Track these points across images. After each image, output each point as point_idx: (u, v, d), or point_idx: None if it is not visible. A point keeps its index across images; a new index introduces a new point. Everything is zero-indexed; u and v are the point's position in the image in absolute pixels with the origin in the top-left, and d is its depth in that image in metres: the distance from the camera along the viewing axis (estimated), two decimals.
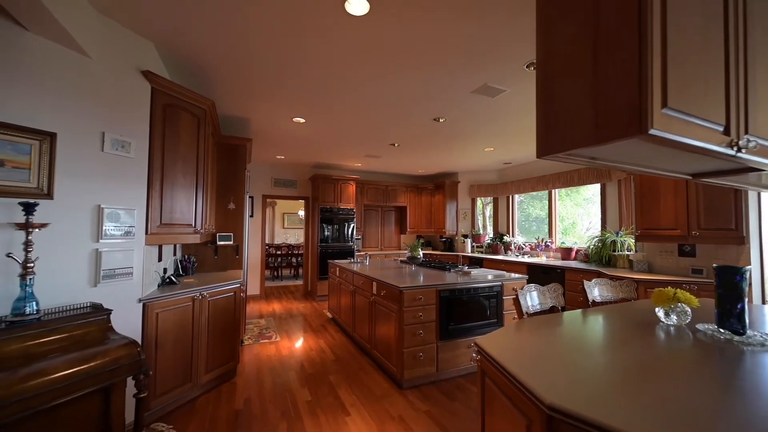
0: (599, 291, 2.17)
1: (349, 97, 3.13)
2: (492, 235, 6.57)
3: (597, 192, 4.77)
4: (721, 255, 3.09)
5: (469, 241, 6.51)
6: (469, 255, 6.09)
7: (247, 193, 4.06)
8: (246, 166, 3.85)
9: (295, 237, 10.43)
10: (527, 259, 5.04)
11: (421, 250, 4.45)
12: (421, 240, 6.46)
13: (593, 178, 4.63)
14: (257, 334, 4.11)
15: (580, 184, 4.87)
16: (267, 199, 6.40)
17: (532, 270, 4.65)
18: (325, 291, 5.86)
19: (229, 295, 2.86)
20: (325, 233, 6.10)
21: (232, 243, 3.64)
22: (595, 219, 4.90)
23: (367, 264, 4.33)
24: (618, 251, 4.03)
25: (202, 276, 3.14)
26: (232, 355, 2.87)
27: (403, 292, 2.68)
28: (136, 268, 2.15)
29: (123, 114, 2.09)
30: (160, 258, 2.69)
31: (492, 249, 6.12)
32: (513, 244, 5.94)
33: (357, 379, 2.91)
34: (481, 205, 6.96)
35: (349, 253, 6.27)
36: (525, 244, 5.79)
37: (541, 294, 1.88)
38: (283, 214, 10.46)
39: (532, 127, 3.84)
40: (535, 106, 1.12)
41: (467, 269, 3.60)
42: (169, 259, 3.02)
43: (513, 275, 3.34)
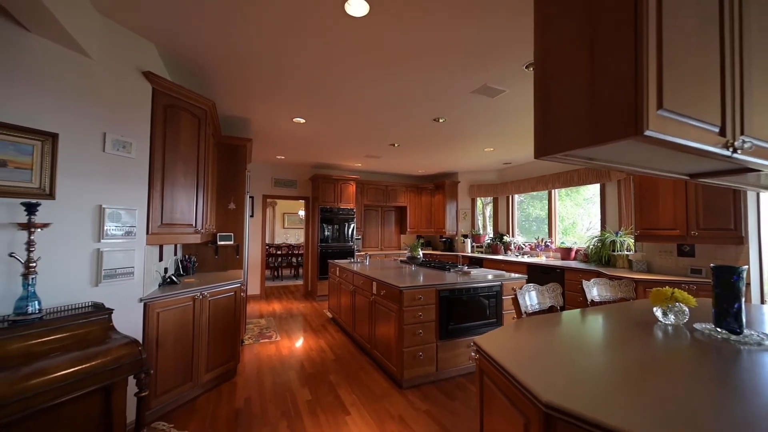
0: (598, 291, 2.18)
1: (349, 97, 3.14)
2: (492, 235, 6.58)
3: (597, 192, 4.78)
4: (720, 255, 3.09)
5: (469, 241, 6.52)
6: (469, 255, 6.09)
7: (248, 193, 4.07)
8: (246, 166, 3.86)
9: (295, 237, 10.44)
10: (527, 259, 5.04)
11: (420, 250, 4.46)
12: (421, 240, 6.47)
13: (593, 178, 4.64)
14: (257, 334, 4.13)
15: (580, 185, 4.87)
16: (267, 199, 6.41)
17: (532, 270, 4.66)
18: (325, 291, 5.87)
19: (229, 295, 2.87)
20: (326, 233, 6.11)
21: (232, 243, 3.65)
22: (595, 219, 4.91)
23: (367, 264, 4.34)
24: (617, 251, 4.04)
25: (202, 276, 3.15)
26: (232, 355, 2.89)
27: (403, 291, 2.69)
28: (137, 267, 2.16)
29: (124, 114, 2.10)
30: (160, 258, 2.70)
31: (492, 249, 6.13)
32: (513, 244, 5.94)
33: (357, 378, 2.92)
34: (481, 205, 6.96)
35: (349, 253, 6.28)
36: (525, 244, 5.80)
37: (539, 294, 1.89)
38: (284, 214, 10.47)
39: (532, 128, 3.84)
40: (533, 107, 1.13)
41: (467, 269, 3.61)
42: (169, 259, 3.03)
43: (513, 275, 3.35)
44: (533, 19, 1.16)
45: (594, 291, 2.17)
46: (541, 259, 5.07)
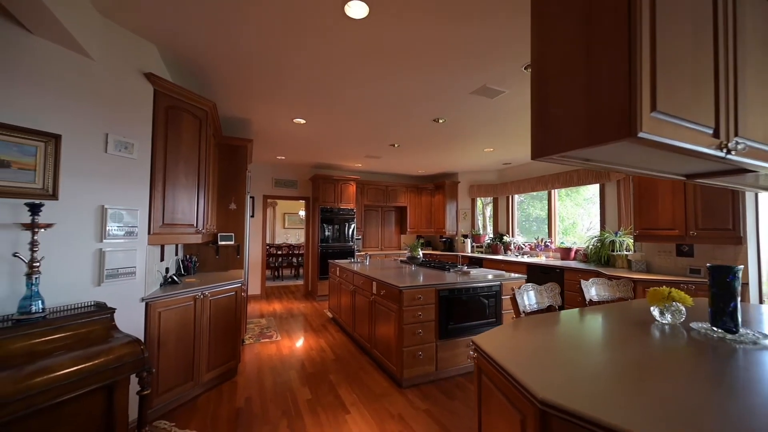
0: (596, 290, 2.19)
1: (349, 98, 3.16)
2: (492, 235, 6.59)
3: (597, 192, 4.79)
4: (718, 255, 3.11)
5: (468, 241, 6.53)
6: (469, 255, 6.11)
7: (248, 193, 4.09)
8: (247, 167, 3.88)
9: (295, 237, 10.46)
10: (527, 259, 5.06)
11: (420, 250, 4.47)
12: (421, 240, 6.50)
13: (592, 178, 4.65)
14: (258, 334, 4.14)
15: (579, 185, 4.88)
16: (268, 200, 6.43)
17: (532, 270, 4.67)
18: (325, 291, 5.89)
19: (230, 295, 2.88)
20: (326, 233, 6.13)
21: (233, 243, 3.67)
22: (595, 219, 4.91)
23: (367, 264, 4.35)
24: (617, 251, 4.05)
25: (203, 276, 3.17)
26: (233, 354, 2.90)
27: (403, 291, 2.71)
28: (139, 267, 2.18)
29: (126, 116, 2.12)
30: (162, 258, 2.72)
31: (492, 249, 6.14)
32: (513, 244, 5.95)
33: (357, 378, 2.94)
34: (481, 205, 6.98)
35: (349, 253, 6.29)
36: (525, 244, 5.81)
37: (538, 293, 1.90)
38: (284, 214, 10.49)
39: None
40: (530, 108, 1.14)
41: (466, 269, 3.62)
42: (171, 258, 3.05)
43: (512, 275, 3.36)
44: (530, 22, 1.17)
45: (592, 291, 2.18)
46: (541, 259, 5.08)
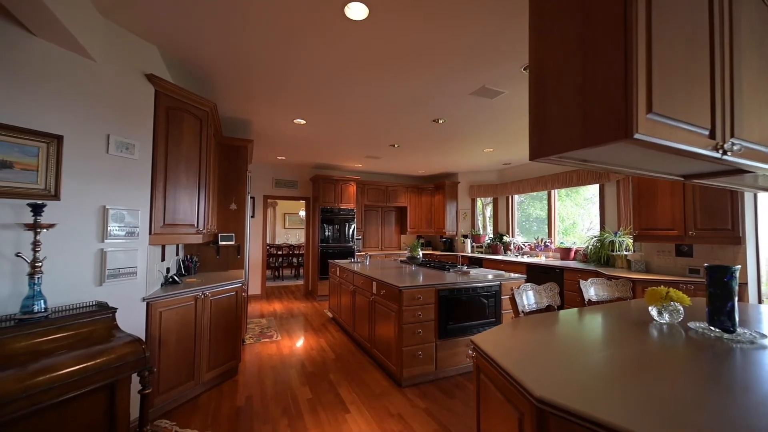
0: (595, 290, 2.20)
1: (349, 98, 3.17)
2: (492, 235, 6.60)
3: (597, 192, 4.80)
4: (717, 255, 3.11)
5: (468, 241, 6.54)
6: (469, 255, 6.12)
7: (249, 193, 4.10)
8: (247, 167, 3.89)
9: (295, 237, 10.47)
10: (526, 259, 5.06)
11: (420, 250, 4.48)
12: (421, 240, 6.50)
13: (592, 178, 4.66)
14: (258, 333, 4.15)
15: (579, 185, 4.89)
16: (268, 200, 6.44)
17: (531, 270, 4.68)
18: (325, 291, 5.90)
19: (230, 295, 2.90)
20: (326, 233, 6.14)
21: (233, 243, 3.68)
22: (595, 219, 4.92)
23: (367, 264, 4.36)
24: (616, 251, 4.05)
25: (204, 276, 3.18)
26: (233, 354, 2.91)
27: (403, 291, 2.72)
28: (140, 267, 2.19)
29: (127, 116, 2.13)
30: (163, 258, 2.73)
31: (492, 249, 6.15)
32: (512, 244, 5.96)
33: (357, 377, 2.95)
34: (481, 205, 6.99)
35: (349, 253, 6.31)
36: (524, 245, 5.82)
37: (537, 293, 1.91)
38: (284, 214, 10.50)
39: None
40: (528, 109, 1.15)
41: (466, 269, 3.63)
42: (171, 258, 3.06)
43: (512, 275, 3.37)
44: (528, 24, 1.18)
45: (591, 291, 2.19)
46: (541, 259, 5.09)
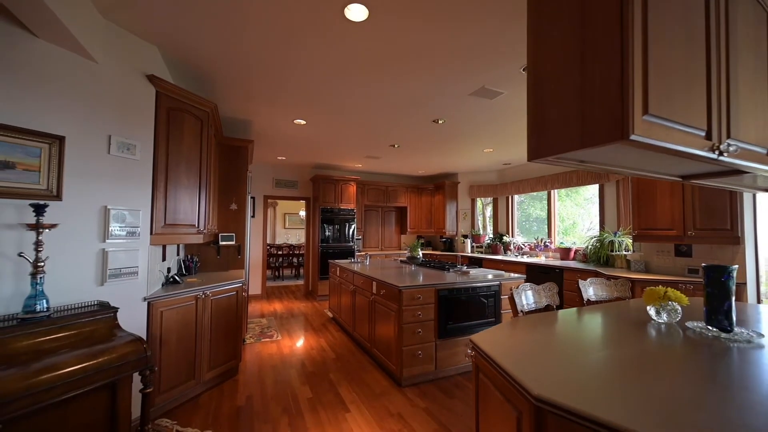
0: (594, 290, 2.21)
1: (349, 99, 3.18)
2: (491, 235, 6.61)
3: (597, 192, 4.80)
4: (717, 255, 3.12)
5: (468, 241, 6.55)
6: (469, 255, 6.12)
7: (249, 193, 4.11)
8: (248, 167, 3.91)
9: (296, 237, 10.48)
10: (526, 259, 5.07)
11: (420, 250, 4.49)
12: (421, 240, 6.51)
13: (591, 178, 4.66)
14: (259, 333, 4.17)
15: (579, 185, 4.90)
16: (268, 200, 6.45)
17: (531, 270, 4.69)
18: (325, 291, 5.91)
19: (231, 295, 2.91)
20: (326, 233, 6.15)
21: (234, 243, 3.69)
22: (595, 219, 4.93)
23: (367, 264, 4.37)
24: (616, 251, 4.06)
25: (204, 275, 3.19)
26: (234, 354, 2.93)
27: (402, 291, 2.73)
28: (141, 267, 2.20)
29: (128, 117, 2.15)
30: (163, 258, 2.74)
31: (491, 249, 6.16)
32: (512, 244, 5.97)
33: (357, 377, 2.96)
34: (481, 205, 7.00)
35: (349, 253, 6.32)
36: (524, 245, 5.82)
37: (535, 293, 1.92)
38: (284, 214, 10.51)
39: None
40: (526, 111, 1.16)
41: (466, 269, 3.64)
42: (172, 258, 3.08)
43: (511, 275, 3.38)
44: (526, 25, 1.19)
45: (590, 290, 2.20)
46: (541, 259, 5.10)
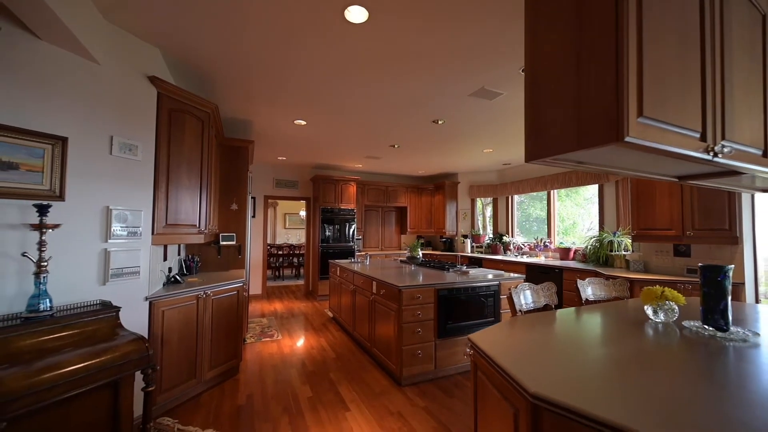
0: (592, 290, 2.23)
1: (349, 100, 3.20)
2: (491, 235, 6.62)
3: (597, 192, 4.81)
4: (715, 255, 3.13)
5: (468, 241, 6.56)
6: (469, 255, 6.14)
7: (250, 193, 4.13)
8: (248, 168, 3.92)
9: (296, 237, 10.50)
10: (526, 259, 5.09)
11: (420, 250, 4.51)
12: (421, 240, 6.52)
13: (591, 179, 4.68)
14: (259, 333, 4.18)
15: (578, 185, 4.91)
16: (269, 200, 6.47)
17: (531, 270, 4.70)
18: (326, 290, 5.93)
19: (232, 294, 2.92)
20: (326, 233, 6.17)
21: (234, 243, 3.71)
22: (595, 219, 4.94)
23: (368, 264, 4.39)
24: (615, 251, 4.07)
25: (205, 275, 3.21)
26: (234, 353, 2.94)
27: (402, 291, 2.74)
28: (143, 267, 2.22)
29: (130, 118, 2.16)
30: (165, 257, 2.76)
31: (491, 249, 6.17)
32: (512, 244, 5.99)
33: (357, 376, 2.97)
34: (481, 205, 7.01)
35: (349, 253, 6.33)
36: (524, 245, 5.84)
37: (534, 293, 1.94)
38: (285, 214, 10.53)
39: None
40: (524, 112, 1.18)
41: (465, 269, 3.65)
42: (173, 258, 3.09)
43: (511, 275, 3.39)
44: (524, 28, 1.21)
45: (588, 290, 2.22)
46: (540, 259, 5.11)
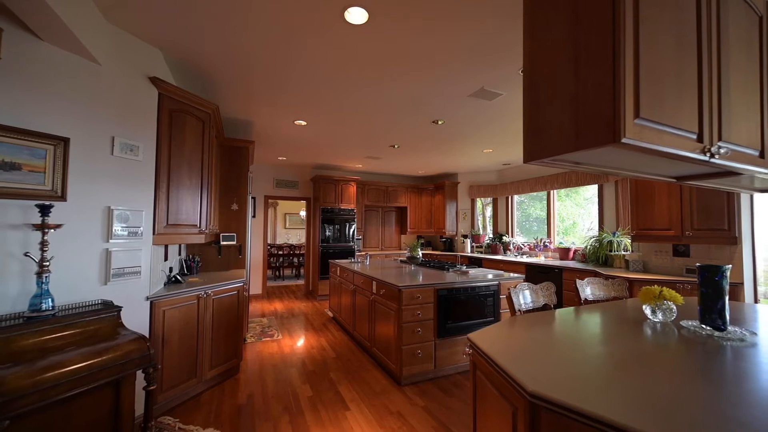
0: (591, 290, 2.24)
1: (349, 100, 3.21)
2: (491, 235, 6.63)
3: (597, 192, 4.82)
4: (714, 255, 3.14)
5: (468, 241, 6.57)
6: (469, 255, 6.15)
7: (250, 194, 4.14)
8: (249, 168, 3.93)
9: (296, 237, 10.52)
10: (525, 259, 5.10)
11: (420, 250, 4.52)
12: (421, 240, 6.54)
13: (590, 179, 4.68)
14: (260, 333, 4.19)
15: (578, 185, 4.92)
16: (269, 200, 6.48)
17: (531, 270, 4.71)
18: (326, 290, 5.94)
19: (232, 294, 2.93)
20: (326, 233, 6.18)
21: (235, 243, 3.72)
22: (595, 219, 4.95)
23: (368, 264, 4.40)
24: (615, 251, 4.08)
25: (206, 275, 3.22)
26: (235, 353, 2.95)
27: (402, 291, 2.75)
28: (144, 267, 2.23)
29: (131, 119, 2.17)
30: (166, 257, 2.77)
31: (491, 249, 6.18)
32: (512, 244, 5.99)
33: (357, 375, 2.98)
34: (481, 205, 7.02)
35: (349, 253, 6.34)
36: (524, 245, 5.85)
37: (533, 292, 1.95)
38: (285, 214, 10.55)
39: None
40: (522, 113, 1.19)
41: (465, 269, 3.66)
42: (174, 258, 3.10)
43: (511, 275, 3.40)
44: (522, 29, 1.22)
45: (587, 290, 2.23)
46: (540, 259, 5.12)
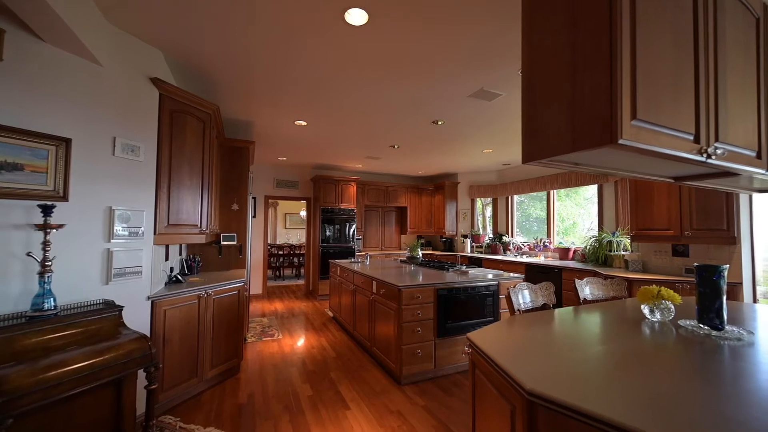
0: (590, 290, 2.25)
1: (349, 101, 3.22)
2: (491, 235, 6.64)
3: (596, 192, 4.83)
4: (713, 255, 3.15)
5: (468, 241, 6.58)
6: (469, 255, 6.16)
7: (250, 194, 4.15)
8: (249, 168, 3.94)
9: (296, 237, 10.53)
10: (525, 259, 5.10)
11: (420, 250, 4.53)
12: (421, 240, 6.55)
13: (590, 179, 4.69)
14: (260, 332, 4.20)
15: (578, 185, 4.93)
16: (269, 200, 6.50)
17: (530, 270, 4.72)
18: (326, 290, 5.95)
19: (233, 294, 2.94)
20: (327, 233, 6.19)
21: (235, 243, 3.73)
22: (595, 219, 4.96)
23: (368, 264, 4.41)
24: (614, 251, 4.09)
25: (206, 275, 3.23)
26: (235, 352, 2.96)
27: (402, 290, 2.76)
28: (145, 267, 2.24)
29: (133, 119, 2.18)
30: (166, 257, 2.78)
31: (491, 249, 6.19)
32: (512, 244, 6.00)
33: (357, 375, 2.99)
34: (481, 205, 7.03)
35: (349, 253, 6.35)
36: (524, 244, 5.86)
37: (532, 292, 1.95)
38: (285, 214, 10.56)
39: None
40: (521, 114, 1.20)
41: (465, 269, 3.67)
42: (175, 258, 3.11)
43: (510, 275, 3.41)
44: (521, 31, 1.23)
45: (586, 290, 2.23)
46: (540, 259, 5.13)
